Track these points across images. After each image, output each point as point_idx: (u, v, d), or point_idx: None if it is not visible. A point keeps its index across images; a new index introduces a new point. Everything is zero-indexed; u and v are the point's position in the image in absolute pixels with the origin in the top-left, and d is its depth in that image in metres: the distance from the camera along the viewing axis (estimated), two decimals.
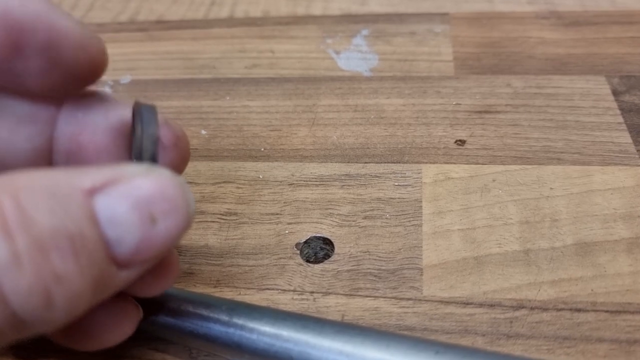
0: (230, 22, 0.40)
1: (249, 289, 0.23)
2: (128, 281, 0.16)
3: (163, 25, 0.41)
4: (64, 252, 0.13)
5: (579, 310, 0.21)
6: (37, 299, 0.13)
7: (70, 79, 0.17)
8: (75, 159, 0.19)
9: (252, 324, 0.19)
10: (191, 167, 0.29)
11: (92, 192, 0.14)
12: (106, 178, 0.15)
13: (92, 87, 0.19)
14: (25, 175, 0.14)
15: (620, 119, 0.29)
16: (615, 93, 0.31)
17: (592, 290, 0.22)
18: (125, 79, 0.36)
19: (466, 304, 0.22)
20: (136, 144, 0.17)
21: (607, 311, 0.21)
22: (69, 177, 0.14)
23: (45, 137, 0.19)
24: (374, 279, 0.23)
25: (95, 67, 0.18)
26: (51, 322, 0.14)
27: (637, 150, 0.27)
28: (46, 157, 0.19)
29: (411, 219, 0.25)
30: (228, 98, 0.33)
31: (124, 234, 0.15)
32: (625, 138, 0.28)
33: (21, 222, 0.13)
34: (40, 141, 0.18)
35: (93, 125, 0.18)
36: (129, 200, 0.15)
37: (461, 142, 0.29)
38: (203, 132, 0.31)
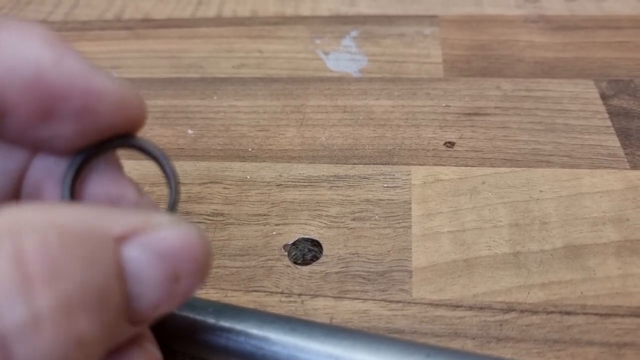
0: (218, 21, 0.40)
1: (235, 290, 0.23)
2: (135, 334, 0.14)
3: (149, 24, 0.40)
4: (92, 312, 0.11)
5: (568, 313, 0.21)
6: None
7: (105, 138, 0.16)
8: None
9: (239, 327, 0.19)
10: (177, 166, 0.28)
11: (122, 239, 0.13)
12: (134, 225, 0.13)
13: None
14: (49, 210, 0.12)
15: (609, 123, 0.29)
16: (604, 97, 0.31)
17: (581, 293, 0.22)
18: None
19: (456, 306, 0.22)
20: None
21: (596, 314, 0.21)
22: (98, 217, 0.13)
23: (18, 175, 0.16)
24: (363, 281, 0.23)
25: (133, 126, 0.16)
26: None
27: (626, 154, 0.27)
28: (15, 197, 0.17)
29: (400, 220, 0.25)
30: (215, 98, 0.33)
31: (146, 291, 0.13)
32: (614, 142, 0.28)
33: (49, 273, 0.10)
34: (11, 179, 0.16)
35: (56, 176, 0.16)
36: (156, 254, 0.13)
37: (450, 144, 0.29)
38: (190, 131, 0.30)
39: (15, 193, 0.17)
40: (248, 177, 0.28)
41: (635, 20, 0.37)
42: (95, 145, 0.16)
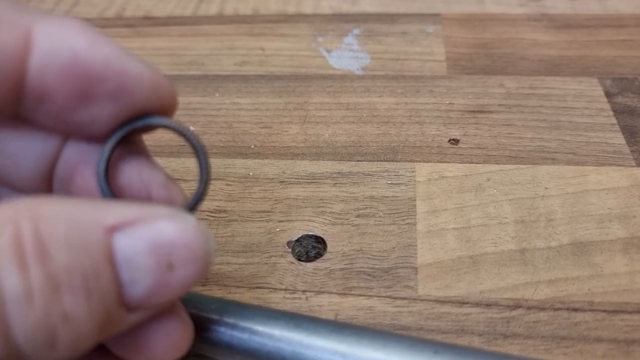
0: (219, 19, 0.40)
1: (239, 287, 0.23)
2: (134, 323, 0.15)
3: (150, 22, 0.40)
4: (76, 291, 0.13)
5: (576, 309, 0.21)
6: (41, 337, 0.12)
7: None
8: (65, 189, 0.17)
9: (243, 323, 0.19)
10: (180, 163, 0.28)
11: (114, 229, 0.14)
12: (130, 216, 0.14)
13: None
14: (48, 202, 0.13)
15: (614, 120, 0.29)
16: (608, 95, 0.31)
17: (589, 289, 0.22)
18: None
19: (462, 303, 0.21)
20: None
21: (604, 311, 0.21)
22: (92, 210, 0.14)
23: (51, 159, 0.17)
24: (368, 277, 0.23)
25: (165, 110, 0.17)
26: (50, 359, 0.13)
27: (631, 151, 0.27)
28: (48, 178, 0.17)
29: (405, 217, 0.25)
30: (217, 95, 0.33)
31: (138, 277, 0.14)
32: (619, 139, 0.28)
33: (38, 254, 0.12)
34: (45, 162, 0.17)
35: (89, 162, 0.17)
36: (149, 243, 0.14)
37: (455, 141, 0.28)
38: (192, 128, 0.30)
39: (48, 177, 0.17)
40: (251, 173, 0.27)
41: (638, 18, 0.37)
42: (129, 124, 0.16)
